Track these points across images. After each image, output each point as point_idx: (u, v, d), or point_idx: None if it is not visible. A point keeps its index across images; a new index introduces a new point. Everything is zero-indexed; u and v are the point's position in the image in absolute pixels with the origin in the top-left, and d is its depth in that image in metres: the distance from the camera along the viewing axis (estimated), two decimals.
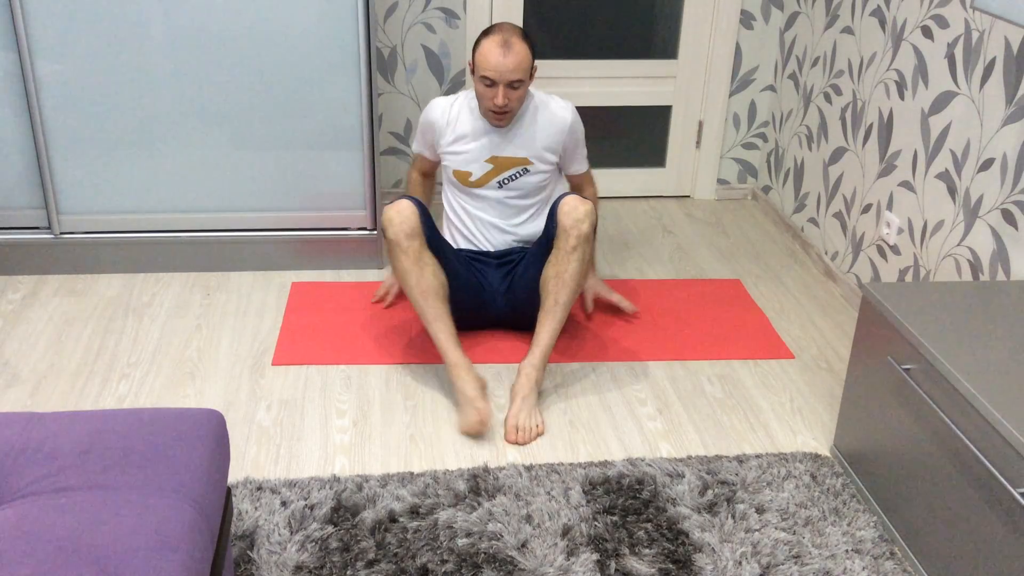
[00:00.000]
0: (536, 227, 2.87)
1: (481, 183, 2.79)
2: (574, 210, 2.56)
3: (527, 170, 2.79)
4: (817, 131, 3.48)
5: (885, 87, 3.01)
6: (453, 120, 2.80)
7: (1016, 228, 2.41)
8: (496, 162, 2.77)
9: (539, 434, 2.49)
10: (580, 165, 2.94)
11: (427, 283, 2.56)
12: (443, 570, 2.02)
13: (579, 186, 3.02)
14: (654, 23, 3.76)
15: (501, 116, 2.68)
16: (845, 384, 2.36)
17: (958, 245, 2.65)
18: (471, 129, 2.78)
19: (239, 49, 2.98)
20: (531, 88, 2.84)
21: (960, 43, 2.62)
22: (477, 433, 2.46)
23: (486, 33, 2.65)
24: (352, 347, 2.83)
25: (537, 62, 3.71)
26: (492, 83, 2.62)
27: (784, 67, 3.74)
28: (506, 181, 2.79)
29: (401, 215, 2.56)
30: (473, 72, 2.67)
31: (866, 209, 3.14)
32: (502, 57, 2.58)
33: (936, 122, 2.75)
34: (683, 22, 3.72)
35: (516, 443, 2.45)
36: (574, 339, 2.92)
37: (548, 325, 2.60)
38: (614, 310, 3.08)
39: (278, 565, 2.01)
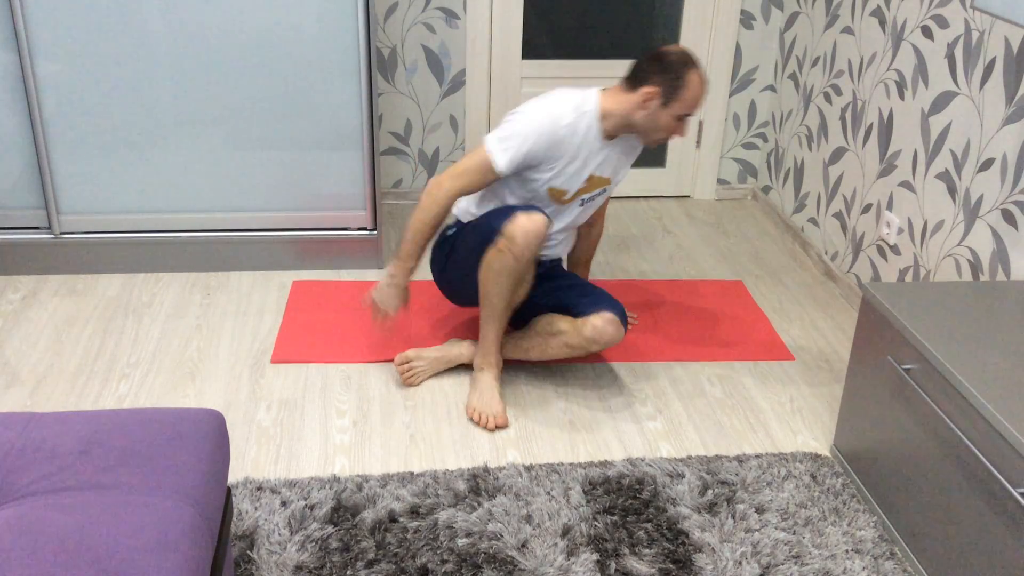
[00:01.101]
0: (557, 252, 2.77)
1: (569, 200, 2.64)
2: (601, 335, 2.51)
3: (606, 190, 2.68)
4: (817, 131, 3.48)
5: (885, 87, 3.01)
6: (587, 142, 2.54)
7: (1016, 228, 2.41)
8: (591, 181, 2.62)
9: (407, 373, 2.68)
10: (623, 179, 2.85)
11: (516, 298, 2.56)
12: (443, 570, 2.02)
13: (596, 218, 2.91)
14: (654, 23, 3.76)
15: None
16: (845, 384, 2.36)
17: (958, 245, 2.65)
18: (593, 149, 2.57)
19: (239, 49, 2.98)
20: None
21: (960, 43, 2.62)
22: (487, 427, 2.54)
23: (688, 66, 2.45)
24: (352, 346, 2.83)
25: (537, 62, 3.71)
26: (686, 116, 2.52)
27: (784, 67, 3.74)
28: (587, 199, 2.66)
29: (538, 233, 2.41)
30: (663, 104, 2.47)
31: (866, 209, 3.14)
32: (705, 93, 2.52)
33: (936, 122, 2.75)
34: (683, 22, 3.72)
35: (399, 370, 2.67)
36: None
37: (508, 343, 2.67)
38: None
39: (278, 565, 2.01)
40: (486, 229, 2.50)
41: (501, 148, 2.45)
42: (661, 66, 2.46)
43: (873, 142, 3.09)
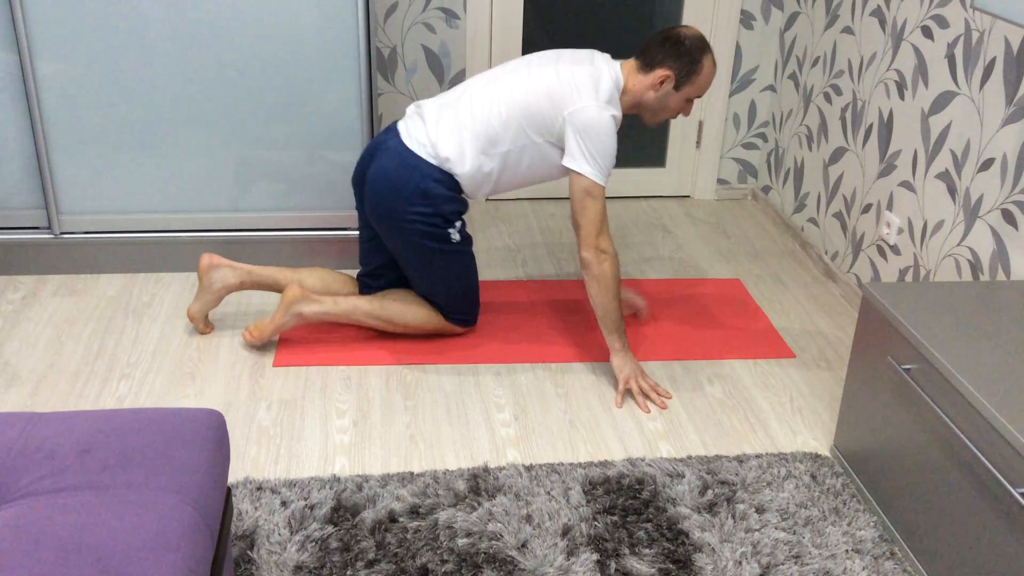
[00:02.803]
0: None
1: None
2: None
3: None
4: (817, 131, 3.48)
5: (885, 87, 3.01)
6: None
7: (1016, 228, 2.41)
8: None
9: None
10: None
11: None
12: (443, 570, 2.02)
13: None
14: (654, 23, 3.76)
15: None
16: (845, 384, 2.36)
17: (958, 245, 2.65)
18: None
19: (239, 49, 2.98)
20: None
21: (960, 43, 2.62)
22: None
23: (703, 51, 2.53)
24: (354, 348, 2.83)
25: None
26: (695, 98, 2.61)
27: (784, 67, 3.74)
28: None
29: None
30: (676, 87, 2.55)
31: (866, 209, 3.14)
32: (714, 76, 2.60)
33: (936, 122, 2.75)
34: (683, 22, 3.72)
35: None
36: (574, 339, 2.92)
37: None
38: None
39: (278, 565, 2.01)
40: None
41: (605, 174, 2.50)
42: (677, 50, 2.51)
43: (873, 142, 3.09)
